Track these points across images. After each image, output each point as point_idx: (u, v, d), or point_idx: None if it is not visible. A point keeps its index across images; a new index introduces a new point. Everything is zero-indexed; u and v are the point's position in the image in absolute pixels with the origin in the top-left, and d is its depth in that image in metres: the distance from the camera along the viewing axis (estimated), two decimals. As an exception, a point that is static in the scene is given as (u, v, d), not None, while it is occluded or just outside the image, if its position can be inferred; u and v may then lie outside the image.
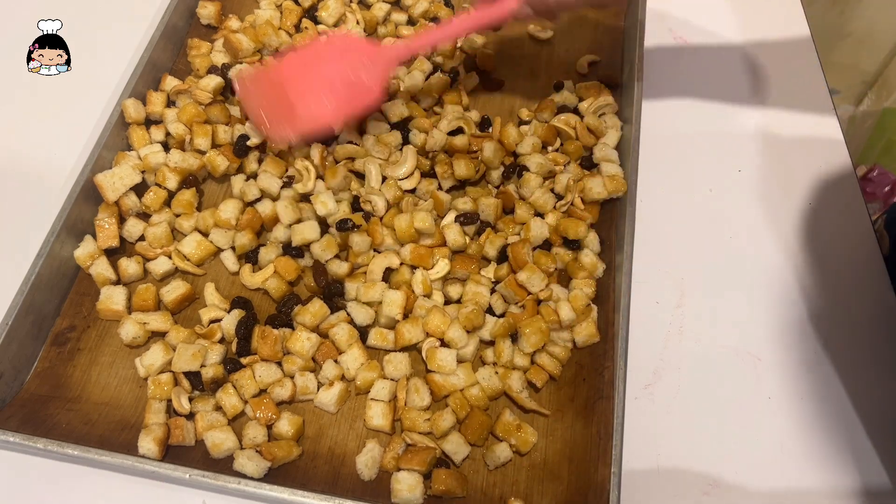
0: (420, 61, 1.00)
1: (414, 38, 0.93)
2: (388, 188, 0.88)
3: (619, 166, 0.91)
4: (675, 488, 0.76)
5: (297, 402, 0.78)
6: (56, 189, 0.87)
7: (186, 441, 0.74)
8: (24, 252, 0.80)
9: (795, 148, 1.00)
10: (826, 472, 0.77)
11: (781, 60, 1.09)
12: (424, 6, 1.07)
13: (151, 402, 0.75)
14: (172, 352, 0.78)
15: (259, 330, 0.80)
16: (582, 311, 0.80)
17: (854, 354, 0.84)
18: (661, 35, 1.11)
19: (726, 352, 0.84)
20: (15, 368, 0.77)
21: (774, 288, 0.89)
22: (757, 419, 0.80)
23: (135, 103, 0.92)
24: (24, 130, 0.98)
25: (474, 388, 0.77)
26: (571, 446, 0.76)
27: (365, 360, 0.79)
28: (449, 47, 1.01)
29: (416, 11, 1.07)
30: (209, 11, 1.04)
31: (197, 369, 0.77)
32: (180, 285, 0.82)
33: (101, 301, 0.81)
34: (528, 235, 0.85)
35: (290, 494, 0.69)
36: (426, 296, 0.83)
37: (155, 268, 0.84)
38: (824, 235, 0.93)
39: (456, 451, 0.74)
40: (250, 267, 0.85)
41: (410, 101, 0.96)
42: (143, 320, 0.80)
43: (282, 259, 0.84)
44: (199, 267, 0.86)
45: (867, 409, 0.80)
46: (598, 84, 1.00)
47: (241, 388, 0.76)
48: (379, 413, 0.76)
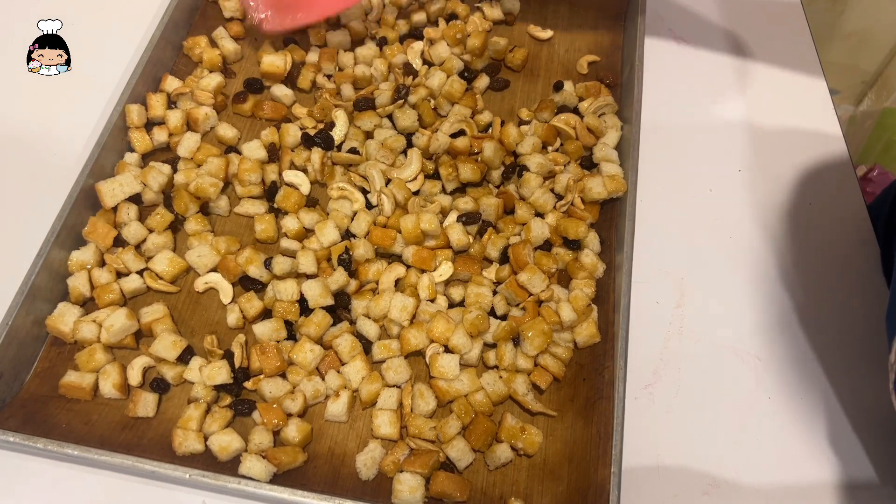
0: (449, 59, 1.00)
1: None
2: (398, 189, 0.88)
3: (619, 166, 0.91)
4: (675, 488, 0.76)
5: (310, 406, 0.78)
6: (56, 190, 0.87)
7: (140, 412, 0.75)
8: (24, 252, 0.80)
9: (795, 148, 1.00)
10: (826, 471, 0.77)
11: (781, 60, 1.09)
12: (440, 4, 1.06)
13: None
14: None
15: (257, 347, 0.79)
16: (582, 311, 0.80)
17: (854, 354, 0.84)
18: (661, 35, 1.11)
19: (726, 352, 0.84)
20: (15, 368, 0.77)
21: (774, 288, 0.89)
22: (757, 419, 0.80)
23: (139, 109, 0.92)
24: (23, 131, 0.98)
25: (479, 394, 0.77)
26: (571, 446, 0.76)
27: (367, 372, 0.79)
28: (479, 44, 1.00)
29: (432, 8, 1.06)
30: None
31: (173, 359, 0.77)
32: (159, 309, 0.81)
33: (51, 317, 0.79)
34: (528, 236, 0.85)
35: (290, 494, 0.69)
36: (430, 300, 0.83)
37: (126, 285, 0.82)
38: (824, 235, 0.93)
39: (460, 458, 0.74)
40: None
41: (424, 102, 0.96)
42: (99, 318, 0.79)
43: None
44: (173, 284, 0.85)
45: (867, 409, 0.80)
46: (598, 84, 1.00)
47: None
48: (386, 421, 0.75)
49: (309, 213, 0.88)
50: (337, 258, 0.84)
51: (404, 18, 1.07)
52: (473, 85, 1.00)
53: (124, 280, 0.83)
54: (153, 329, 0.79)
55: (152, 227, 0.86)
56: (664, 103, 1.03)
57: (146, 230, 0.86)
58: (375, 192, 0.89)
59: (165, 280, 0.84)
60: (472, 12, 1.07)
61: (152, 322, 0.80)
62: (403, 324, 0.80)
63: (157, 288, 0.84)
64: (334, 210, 0.88)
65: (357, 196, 0.89)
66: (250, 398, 0.78)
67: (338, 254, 0.85)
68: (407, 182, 0.90)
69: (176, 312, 0.83)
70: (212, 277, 0.84)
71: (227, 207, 0.90)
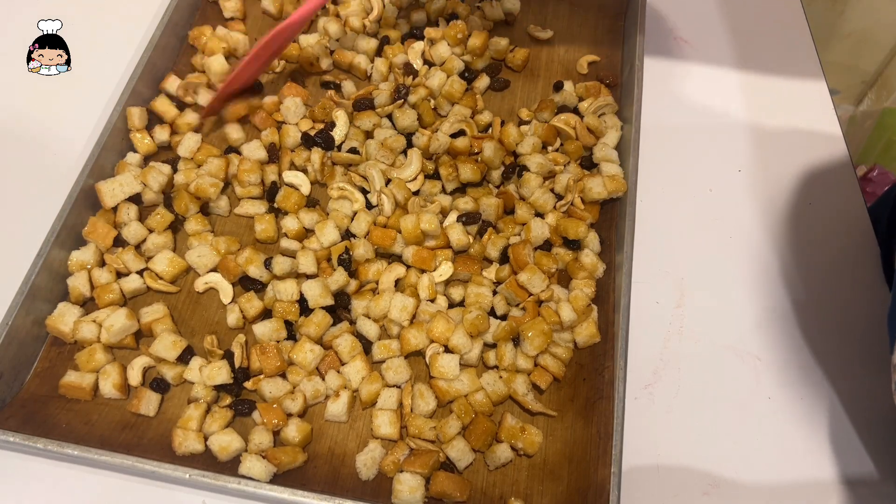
0: (450, 59, 1.00)
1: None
2: (398, 189, 0.88)
3: (619, 166, 0.91)
4: (675, 488, 0.76)
5: (310, 406, 0.78)
6: (56, 190, 0.87)
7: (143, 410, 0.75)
8: (24, 252, 0.80)
9: (795, 148, 1.00)
10: (826, 471, 0.77)
11: (781, 60, 1.09)
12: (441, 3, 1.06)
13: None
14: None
15: (257, 347, 0.79)
16: (582, 311, 0.80)
17: (854, 354, 0.84)
18: (661, 35, 1.11)
19: (726, 352, 0.84)
20: (15, 368, 0.77)
21: (774, 288, 0.89)
22: (757, 419, 0.80)
23: (140, 111, 0.92)
24: (23, 131, 0.97)
25: (479, 394, 0.77)
26: (571, 446, 0.76)
27: (367, 372, 0.79)
28: (480, 44, 1.00)
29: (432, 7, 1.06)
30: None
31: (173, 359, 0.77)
32: (159, 309, 0.81)
33: (51, 317, 0.79)
34: (528, 236, 0.85)
35: (290, 494, 0.69)
36: (430, 300, 0.83)
37: (126, 285, 0.82)
38: (824, 235, 0.93)
39: (460, 458, 0.74)
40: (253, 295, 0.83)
41: (424, 102, 0.96)
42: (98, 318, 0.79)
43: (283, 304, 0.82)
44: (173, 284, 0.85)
45: (867, 409, 0.80)
46: (598, 84, 1.00)
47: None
48: (386, 422, 0.75)
49: (309, 213, 0.88)
50: (337, 258, 0.84)
51: (405, 18, 1.07)
52: (474, 85, 1.00)
53: (124, 280, 0.83)
54: (153, 329, 0.79)
55: (152, 227, 0.86)
56: (664, 103, 1.03)
57: (146, 230, 0.86)
58: (375, 192, 0.89)
59: (165, 280, 0.84)
60: (472, 12, 1.07)
61: (152, 322, 0.80)
62: (403, 324, 0.80)
63: (157, 288, 0.84)
64: (334, 210, 0.88)
65: (357, 196, 0.89)
66: (250, 398, 0.78)
67: (338, 254, 0.85)
68: (407, 182, 0.90)
69: (176, 312, 0.83)
70: (212, 277, 0.84)
71: (227, 208, 0.90)
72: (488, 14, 1.07)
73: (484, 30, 1.04)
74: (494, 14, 1.07)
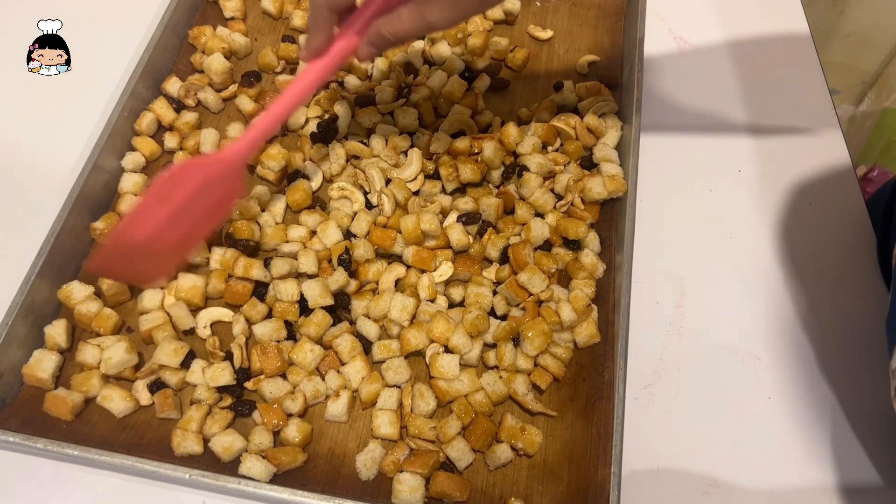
0: (451, 59, 1.00)
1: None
2: (398, 189, 0.88)
3: (619, 166, 0.91)
4: (675, 488, 0.76)
5: (310, 406, 0.78)
6: (56, 190, 0.87)
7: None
8: (24, 252, 0.80)
9: (795, 148, 1.00)
10: (826, 471, 0.77)
11: (781, 60, 1.09)
12: None
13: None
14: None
15: (257, 348, 0.79)
16: (582, 311, 0.80)
17: (854, 354, 0.84)
18: (661, 35, 1.11)
19: (726, 352, 0.84)
20: (15, 368, 0.77)
21: (774, 288, 0.89)
22: (757, 419, 0.80)
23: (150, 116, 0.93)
24: (23, 131, 0.98)
25: (479, 394, 0.77)
26: (571, 446, 0.76)
27: (367, 372, 0.78)
28: (480, 44, 1.00)
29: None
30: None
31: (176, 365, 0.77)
32: (158, 316, 0.80)
33: (27, 365, 0.76)
34: (528, 236, 0.85)
35: (290, 494, 0.69)
36: (430, 300, 0.83)
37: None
38: (824, 236, 0.93)
39: (460, 459, 0.74)
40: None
41: (425, 101, 0.96)
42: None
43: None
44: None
45: (868, 409, 0.80)
46: (598, 84, 1.00)
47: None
48: (386, 422, 0.75)
49: (311, 216, 0.88)
50: (337, 258, 0.84)
51: None
52: (474, 85, 1.00)
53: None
54: (154, 336, 0.79)
55: None
56: (664, 103, 1.03)
57: None
58: (375, 192, 0.89)
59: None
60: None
61: (152, 329, 0.79)
62: (403, 324, 0.80)
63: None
64: (335, 210, 0.88)
65: (357, 196, 0.89)
66: (250, 398, 0.78)
67: (338, 254, 0.85)
68: (407, 182, 0.90)
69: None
70: (214, 313, 0.82)
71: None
72: (488, 14, 1.07)
73: (484, 30, 1.04)
74: (494, 14, 1.07)
